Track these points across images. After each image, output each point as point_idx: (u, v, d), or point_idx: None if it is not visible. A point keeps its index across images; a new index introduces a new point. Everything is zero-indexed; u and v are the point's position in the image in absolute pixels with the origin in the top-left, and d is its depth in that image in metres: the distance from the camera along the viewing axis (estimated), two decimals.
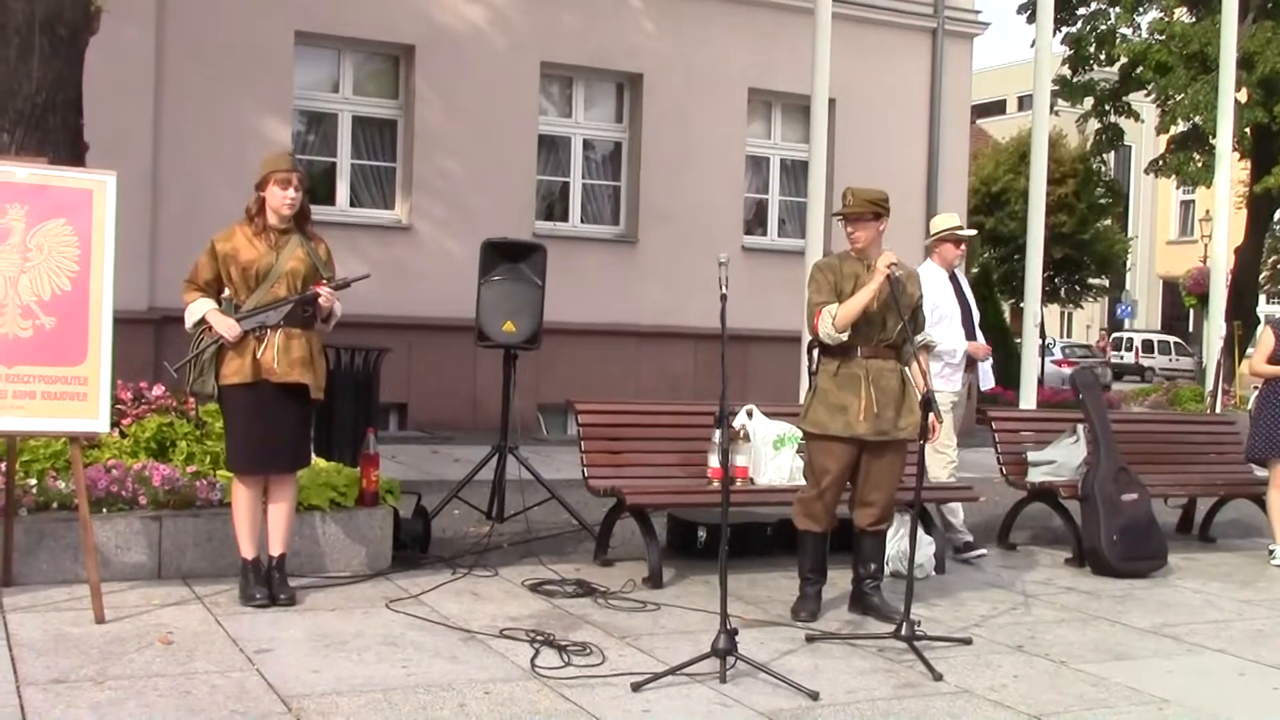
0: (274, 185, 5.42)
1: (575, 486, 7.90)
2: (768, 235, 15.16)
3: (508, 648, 5.07)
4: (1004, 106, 50.41)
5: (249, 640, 5.00)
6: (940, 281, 7.44)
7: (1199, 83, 20.82)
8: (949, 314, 7.39)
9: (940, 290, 7.38)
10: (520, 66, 13.36)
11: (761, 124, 15.14)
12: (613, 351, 13.66)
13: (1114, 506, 7.26)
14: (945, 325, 7.29)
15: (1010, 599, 6.55)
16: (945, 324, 7.30)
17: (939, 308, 7.26)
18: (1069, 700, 4.76)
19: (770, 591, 6.35)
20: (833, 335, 5.63)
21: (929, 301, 6.83)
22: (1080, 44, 23.51)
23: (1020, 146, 36.04)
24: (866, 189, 5.85)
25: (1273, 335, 7.94)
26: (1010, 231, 34.33)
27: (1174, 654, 5.57)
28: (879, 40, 15.21)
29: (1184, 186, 31.51)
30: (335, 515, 6.23)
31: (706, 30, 14.21)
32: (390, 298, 12.08)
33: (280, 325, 5.40)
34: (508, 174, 13.25)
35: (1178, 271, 42.21)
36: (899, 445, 5.80)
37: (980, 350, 7.56)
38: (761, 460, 7.00)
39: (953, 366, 7.37)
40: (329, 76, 12.98)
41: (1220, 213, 12.22)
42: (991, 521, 8.47)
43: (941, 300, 7.36)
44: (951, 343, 7.34)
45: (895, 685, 4.83)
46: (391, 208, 13.18)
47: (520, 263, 7.48)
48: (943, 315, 7.30)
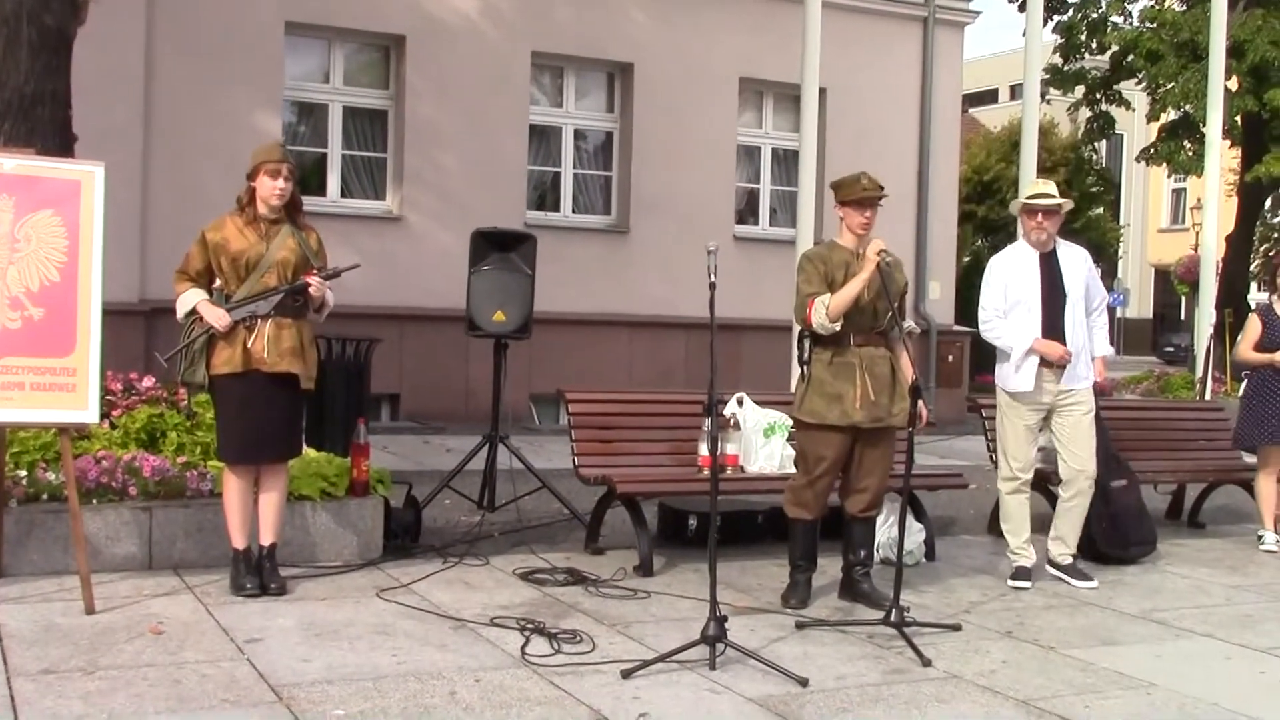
0: (264, 175, 5.42)
1: (566, 476, 7.91)
2: (759, 225, 15.18)
3: (498, 636, 5.09)
4: (996, 95, 50.35)
5: (239, 630, 5.01)
6: (1021, 262, 6.60)
7: (1189, 71, 20.77)
8: (1021, 300, 6.51)
9: (1017, 272, 6.56)
10: (511, 56, 13.35)
11: (753, 113, 15.14)
12: (605, 341, 13.68)
13: (1104, 493, 7.26)
14: (1017, 312, 6.52)
15: (999, 585, 6.58)
16: (1021, 311, 6.51)
17: (1012, 292, 6.53)
18: (1057, 685, 4.78)
19: (761, 579, 6.37)
20: (826, 325, 5.64)
21: (1001, 285, 6.50)
22: (1071, 32, 23.45)
23: (1012, 135, 35.96)
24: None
25: (1259, 322, 7.96)
26: (1002, 219, 34.34)
27: (1162, 639, 5.60)
28: (870, 29, 15.22)
29: (1175, 175, 31.49)
30: (326, 505, 6.24)
31: (697, 20, 14.20)
32: (381, 288, 12.09)
33: (271, 315, 5.41)
34: (499, 164, 13.25)
35: (1169, 259, 42.32)
36: (891, 432, 5.82)
37: (1053, 351, 6.44)
38: (752, 448, 7.02)
39: (1017, 364, 6.52)
40: (319, 67, 12.98)
41: (1210, 201, 12.25)
42: (981, 508, 8.49)
43: (1016, 283, 6.54)
44: (1009, 338, 6.52)
45: (884, 671, 4.85)
46: (382, 198, 13.18)
47: (510, 252, 7.50)
48: (1016, 301, 6.52)
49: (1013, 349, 6.50)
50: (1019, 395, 6.56)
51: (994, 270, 6.67)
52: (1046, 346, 6.44)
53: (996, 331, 6.59)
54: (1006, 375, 6.60)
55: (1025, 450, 6.66)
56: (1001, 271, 6.62)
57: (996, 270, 6.66)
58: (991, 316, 6.60)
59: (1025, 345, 6.45)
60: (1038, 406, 6.57)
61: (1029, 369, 6.48)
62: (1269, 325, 7.87)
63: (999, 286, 6.59)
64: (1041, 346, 6.45)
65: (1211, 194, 12.25)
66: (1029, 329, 6.48)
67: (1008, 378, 6.58)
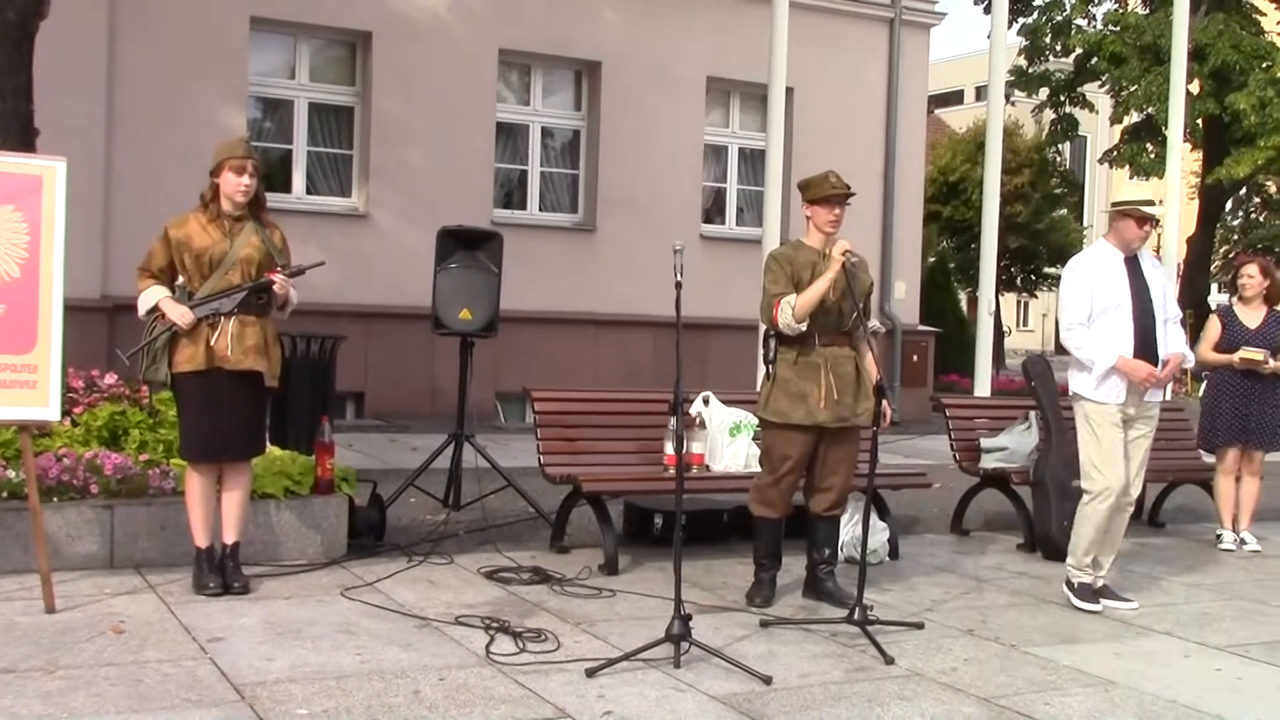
0: (228, 172, 5.39)
1: (532, 474, 7.91)
2: (726, 224, 15.20)
3: (463, 635, 5.08)
4: (961, 97, 50.71)
5: (202, 629, 4.98)
6: (1110, 265, 6.08)
7: (1152, 74, 21.04)
8: (1112, 305, 6.00)
9: (1107, 276, 6.04)
10: (478, 54, 13.32)
11: (720, 112, 15.17)
12: (572, 339, 13.67)
13: (1065, 492, 7.34)
14: (1105, 319, 6.00)
15: (962, 584, 6.63)
16: (1105, 318, 6.00)
17: (1100, 297, 6.00)
18: (1018, 683, 4.82)
19: (726, 578, 6.39)
20: (792, 325, 5.67)
21: (1087, 290, 5.98)
22: (1036, 35, 23.71)
23: (977, 136, 36.13)
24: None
25: (1219, 324, 8.06)
26: (967, 220, 34.53)
27: (1122, 637, 5.66)
28: (836, 30, 15.28)
29: (1138, 177, 31.81)
30: (290, 503, 6.21)
31: (665, 19, 14.21)
32: (347, 286, 12.05)
33: (234, 312, 5.38)
34: (466, 162, 13.22)
35: None
36: (855, 432, 5.86)
37: (1138, 372, 5.93)
38: (718, 447, 7.04)
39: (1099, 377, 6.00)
40: (285, 63, 12.90)
41: (1172, 203, 12.34)
42: (945, 508, 8.55)
43: (1104, 289, 6.01)
44: (1092, 351, 5.99)
45: (847, 669, 4.88)
46: (348, 195, 13.12)
47: (477, 250, 7.48)
48: (1105, 307, 6.00)
49: (1094, 363, 5.98)
50: (1106, 403, 6.04)
51: (1077, 273, 6.10)
52: (1132, 367, 5.94)
53: (1079, 341, 6.04)
54: (1087, 385, 6.06)
55: (1119, 461, 6.05)
56: (1087, 275, 6.05)
57: (1080, 273, 6.08)
58: (1075, 324, 6.04)
59: (1110, 362, 5.95)
60: (1123, 414, 6.05)
61: (1115, 380, 5.99)
62: (1229, 327, 7.97)
63: (1084, 291, 6.03)
64: (1126, 367, 5.94)
65: (1173, 196, 12.35)
66: (1119, 340, 5.97)
67: (1089, 388, 6.05)
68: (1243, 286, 8.06)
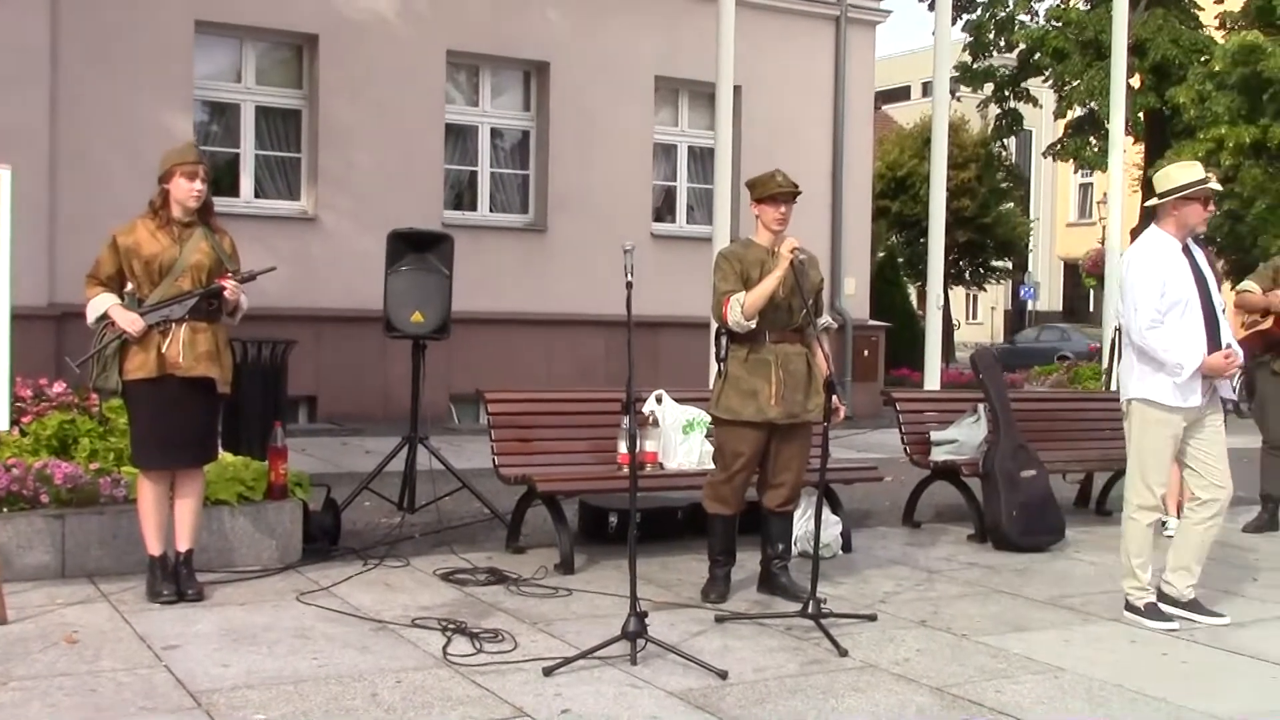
0: (180, 177, 5.36)
1: (487, 476, 7.92)
2: (676, 222, 15.27)
3: (420, 637, 5.10)
4: (909, 93, 51.08)
5: (157, 637, 4.96)
6: (1171, 256, 5.63)
7: (1094, 69, 21.33)
8: (1181, 301, 5.57)
9: (1174, 269, 5.60)
10: (426, 55, 13.31)
11: (669, 111, 15.24)
12: (525, 340, 13.69)
13: (1013, 483, 7.46)
14: (1177, 316, 5.56)
15: (914, 575, 6.71)
16: (1177, 313, 5.56)
17: (1170, 291, 5.56)
18: (970, 671, 4.90)
19: (681, 574, 6.44)
20: (741, 323, 5.72)
21: (1159, 285, 5.54)
22: (980, 30, 23.98)
23: (924, 131, 36.44)
24: None
25: None
26: (915, 215, 34.85)
27: (1070, 624, 5.75)
28: (783, 28, 15.38)
29: (1082, 170, 32.21)
30: (244, 509, 6.19)
31: (613, 18, 14.26)
32: (298, 290, 11.99)
33: (185, 319, 5.35)
34: (415, 164, 13.20)
35: (1077, 253, 43.16)
36: (806, 428, 5.92)
37: (1225, 366, 5.60)
38: (671, 445, 7.08)
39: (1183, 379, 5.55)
40: (231, 66, 12.83)
41: (1114, 196, 12.57)
42: (896, 501, 8.65)
43: (1174, 281, 5.57)
44: (1178, 351, 5.52)
45: (802, 662, 4.94)
46: (297, 199, 13.07)
47: (427, 252, 7.49)
48: (1174, 302, 5.55)
49: (1183, 367, 5.51)
50: (1175, 409, 5.61)
51: (1145, 265, 5.63)
52: (1217, 364, 5.56)
53: (1163, 341, 5.55)
54: (1161, 390, 5.59)
55: (1167, 470, 5.76)
56: (1157, 270, 5.60)
57: (1149, 265, 5.62)
58: (1155, 321, 5.57)
59: (1196, 363, 5.52)
60: (1186, 419, 5.67)
61: (1191, 384, 5.57)
62: None
63: (1156, 287, 5.57)
64: (1213, 365, 5.56)
65: (1115, 190, 12.58)
66: (1194, 338, 5.56)
67: (1164, 393, 5.59)
68: None
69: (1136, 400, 5.71)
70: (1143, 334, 5.58)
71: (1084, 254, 37.20)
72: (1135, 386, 5.71)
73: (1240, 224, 21.48)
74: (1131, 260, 5.73)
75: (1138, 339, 5.62)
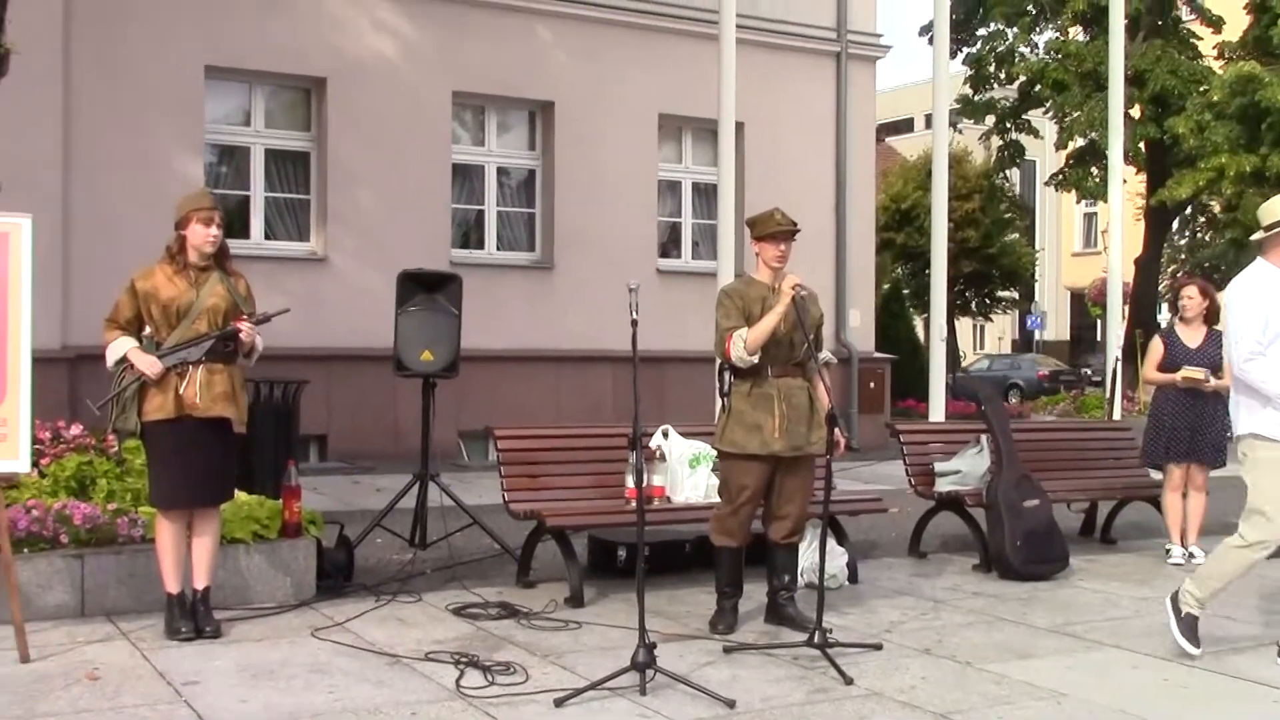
0: (196, 223, 5.52)
1: (497, 511, 8.03)
2: (682, 258, 15.41)
3: (433, 670, 5.19)
4: (912, 125, 51.36)
5: (176, 673, 5.06)
6: (1276, 288, 5.52)
7: (1094, 100, 21.50)
8: None
9: (1264, 301, 5.51)
10: (432, 96, 13.49)
11: (673, 148, 15.41)
12: (533, 376, 13.81)
13: (1017, 513, 7.54)
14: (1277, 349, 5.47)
15: (920, 605, 6.79)
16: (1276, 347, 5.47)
17: (1274, 323, 5.47)
18: (973, 699, 4.99)
19: (689, 606, 6.53)
20: (744, 358, 5.84)
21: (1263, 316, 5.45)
22: (980, 64, 24.20)
23: (928, 163, 36.51)
24: None
25: (1161, 344, 8.29)
26: (920, 247, 34.99)
27: (1073, 651, 5.83)
28: (784, 64, 15.57)
29: (1086, 200, 32.37)
30: (259, 547, 6.30)
31: (616, 57, 14.45)
32: (308, 330, 12.11)
33: (202, 361, 5.49)
34: (422, 203, 13.36)
35: (1083, 282, 43.23)
36: (810, 460, 6.03)
37: None
38: (678, 479, 7.19)
39: None
40: (240, 109, 13.03)
41: (1115, 225, 12.69)
42: (902, 532, 8.73)
43: (1277, 314, 5.49)
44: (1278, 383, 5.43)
45: (808, 691, 5.03)
46: (306, 240, 13.23)
47: (436, 293, 7.62)
48: (1277, 334, 5.47)
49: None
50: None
51: (1250, 297, 5.55)
52: None
53: (1264, 373, 5.46)
54: (1269, 422, 5.50)
55: None
56: (1262, 300, 5.51)
57: (1254, 297, 5.54)
58: (1255, 352, 5.48)
59: None
60: None
61: None
62: (1171, 347, 8.20)
63: (1260, 318, 5.48)
64: None
65: (1115, 219, 12.71)
66: None
67: (1272, 425, 5.49)
68: (1183, 308, 8.30)
69: (1248, 436, 5.60)
70: (1242, 366, 5.52)
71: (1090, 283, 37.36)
72: (1245, 422, 5.61)
73: (1245, 252, 21.59)
74: (1235, 292, 5.63)
75: (1238, 371, 5.57)
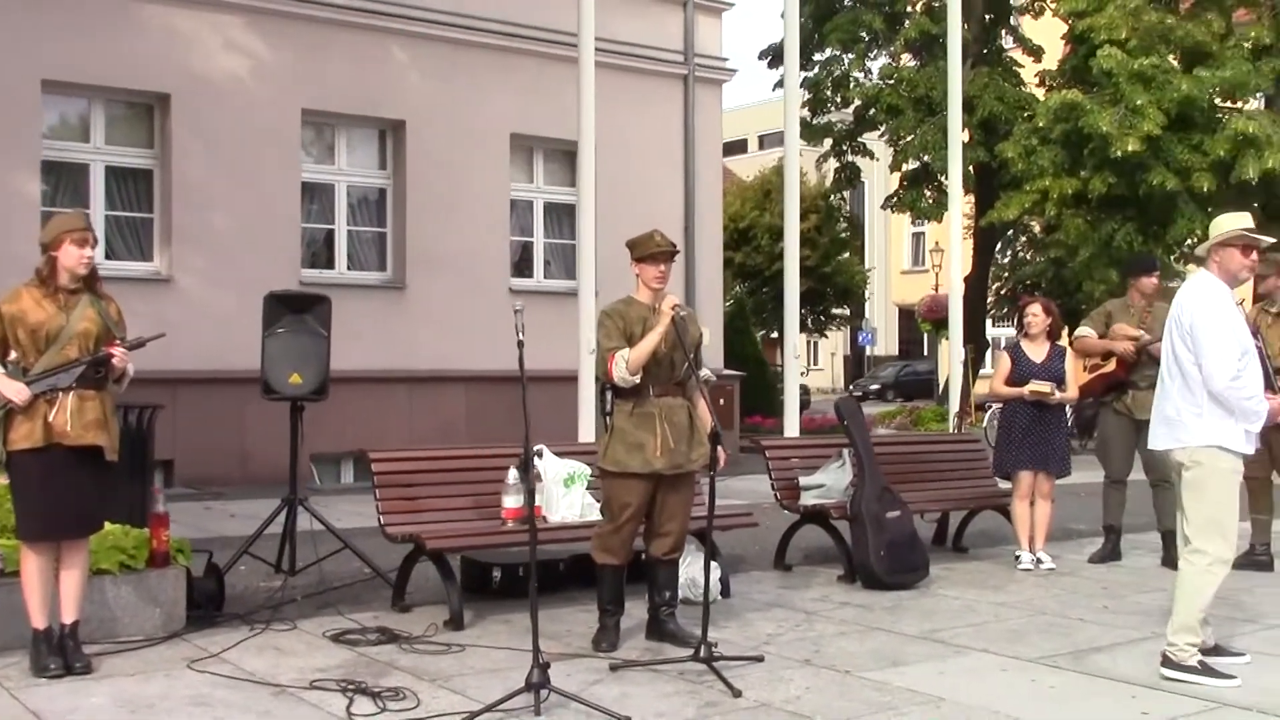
0: (70, 244, 5.34)
1: (363, 535, 7.95)
2: (534, 277, 15.43)
3: (320, 699, 5.11)
4: (746, 145, 52.41)
5: (49, 712, 4.88)
6: (1226, 304, 5.57)
7: (926, 124, 22.31)
8: (1248, 348, 5.54)
9: (1237, 316, 5.58)
10: (281, 114, 13.26)
11: (524, 168, 15.43)
12: (385, 398, 13.65)
13: (879, 524, 7.78)
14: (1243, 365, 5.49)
15: (793, 616, 6.95)
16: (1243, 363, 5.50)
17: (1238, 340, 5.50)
18: (858, 706, 5.14)
19: (569, 625, 6.55)
20: (626, 378, 5.92)
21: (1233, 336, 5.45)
22: (818, 88, 24.85)
23: (764, 184, 37.62)
24: None
25: (1008, 359, 8.67)
26: (758, 265, 35.80)
27: (944, 656, 6.06)
28: (634, 86, 15.76)
29: (917, 220, 33.51)
30: (126, 578, 6.09)
31: (468, 77, 14.43)
32: (152, 351, 11.59)
33: (73, 387, 5.31)
34: (272, 223, 13.12)
35: (912, 299, 44.72)
36: (690, 477, 6.14)
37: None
38: (553, 499, 7.21)
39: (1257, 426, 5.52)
40: (79, 126, 12.58)
41: (954, 246, 13.16)
42: (765, 545, 8.91)
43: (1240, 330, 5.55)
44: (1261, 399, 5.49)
45: (699, 705, 5.11)
46: (150, 260, 12.84)
47: (304, 314, 7.50)
48: (1243, 351, 5.52)
49: (1260, 415, 5.47)
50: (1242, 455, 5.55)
51: (1220, 312, 5.54)
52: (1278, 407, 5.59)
53: (1250, 389, 5.47)
54: (1233, 437, 5.49)
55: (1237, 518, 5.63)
56: (1229, 315, 5.54)
57: (1223, 312, 5.54)
58: (1241, 369, 5.46)
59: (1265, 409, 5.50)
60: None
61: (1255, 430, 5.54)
62: (1018, 362, 8.57)
63: (1233, 338, 5.50)
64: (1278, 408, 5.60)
65: (955, 240, 13.18)
66: (1260, 384, 5.54)
67: (1237, 440, 5.50)
68: (1028, 324, 8.68)
69: (1207, 448, 5.51)
70: (1227, 384, 5.42)
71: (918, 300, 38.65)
72: (1205, 434, 5.50)
73: (1064, 270, 22.63)
74: (1206, 306, 5.56)
75: (1219, 387, 5.44)
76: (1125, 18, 19.38)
